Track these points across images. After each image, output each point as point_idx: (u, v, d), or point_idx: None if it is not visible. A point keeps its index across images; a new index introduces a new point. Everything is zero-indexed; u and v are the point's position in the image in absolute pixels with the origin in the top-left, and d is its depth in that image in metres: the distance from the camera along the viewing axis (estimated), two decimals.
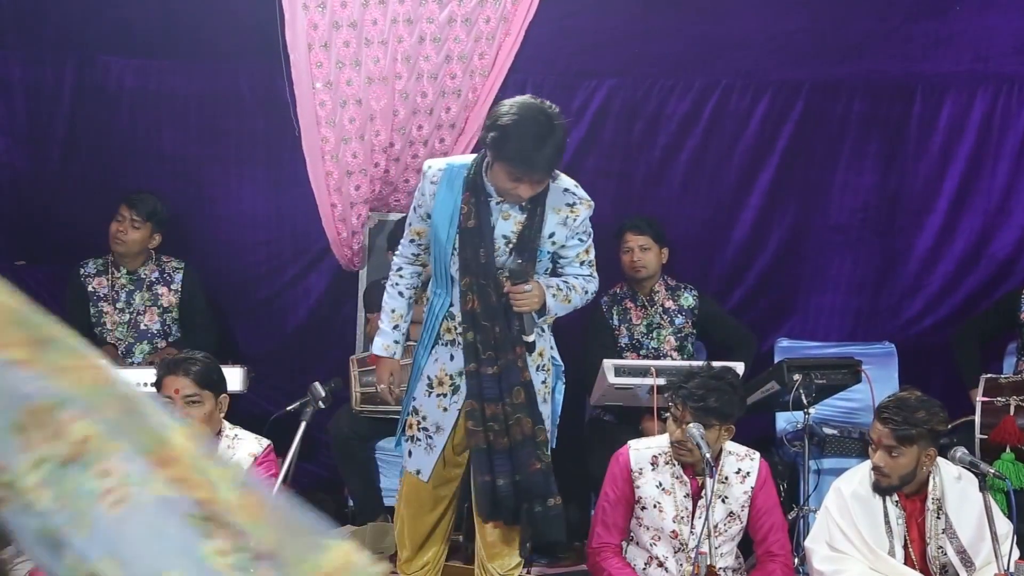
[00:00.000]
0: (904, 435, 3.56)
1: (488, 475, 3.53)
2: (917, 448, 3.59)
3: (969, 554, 3.62)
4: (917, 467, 3.62)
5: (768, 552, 3.75)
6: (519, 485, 3.52)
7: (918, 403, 3.62)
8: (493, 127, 3.38)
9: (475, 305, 3.51)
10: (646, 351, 4.99)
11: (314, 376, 3.79)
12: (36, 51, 5.26)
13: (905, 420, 3.56)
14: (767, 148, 5.36)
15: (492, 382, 3.50)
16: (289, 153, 5.21)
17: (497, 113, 3.43)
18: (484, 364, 3.50)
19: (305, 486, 5.30)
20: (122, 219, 4.93)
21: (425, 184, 3.59)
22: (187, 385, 3.58)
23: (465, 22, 5.07)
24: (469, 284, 3.51)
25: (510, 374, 3.50)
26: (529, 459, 3.51)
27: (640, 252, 4.97)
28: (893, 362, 5.14)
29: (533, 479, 3.52)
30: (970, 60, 5.23)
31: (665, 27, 5.26)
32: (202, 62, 5.31)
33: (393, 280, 3.75)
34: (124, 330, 4.99)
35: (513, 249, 3.53)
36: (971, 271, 5.35)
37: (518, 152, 3.34)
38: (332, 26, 4.98)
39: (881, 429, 3.60)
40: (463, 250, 3.51)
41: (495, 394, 3.50)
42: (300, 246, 5.47)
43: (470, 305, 3.51)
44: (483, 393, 3.51)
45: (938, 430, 3.63)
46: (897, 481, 3.63)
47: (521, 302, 3.49)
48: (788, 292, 5.49)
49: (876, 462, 3.63)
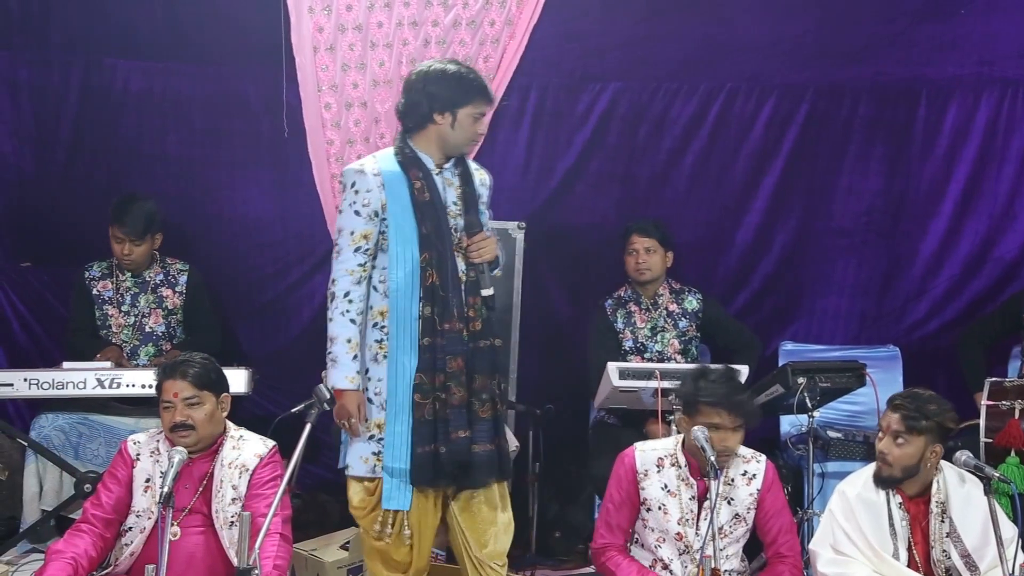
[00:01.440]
0: (913, 423, 3.60)
1: (431, 445, 3.58)
2: (924, 440, 3.61)
3: (973, 558, 3.62)
4: (921, 462, 3.64)
5: (778, 554, 3.76)
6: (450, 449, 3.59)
7: (931, 398, 3.68)
8: (437, 81, 3.60)
9: (435, 279, 3.59)
10: (650, 354, 4.98)
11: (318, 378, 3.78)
12: (43, 53, 5.27)
13: (916, 409, 3.62)
14: (772, 151, 5.37)
15: (440, 352, 3.58)
16: (294, 156, 5.22)
17: (425, 73, 3.63)
18: (437, 336, 3.58)
19: (309, 488, 5.32)
20: (120, 240, 4.92)
21: (366, 180, 3.60)
22: (185, 388, 3.60)
23: (470, 25, 5.08)
24: (428, 259, 3.60)
25: (456, 344, 3.60)
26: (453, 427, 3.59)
27: (645, 254, 4.97)
28: (898, 366, 5.14)
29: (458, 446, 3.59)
30: (975, 64, 5.24)
31: (670, 31, 5.27)
32: (208, 65, 5.32)
33: (342, 307, 3.59)
34: (129, 332, 5.00)
35: (461, 212, 3.70)
36: (976, 275, 5.36)
37: (477, 84, 3.63)
38: (337, 29, 4.99)
39: (891, 415, 3.66)
40: (422, 225, 3.60)
41: (443, 364, 3.59)
42: (305, 248, 5.48)
43: (430, 280, 3.59)
44: (435, 363, 3.58)
45: (947, 427, 3.65)
46: (899, 472, 3.65)
47: (483, 250, 3.66)
48: (793, 295, 5.49)
49: (881, 448, 3.67)
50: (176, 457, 3.38)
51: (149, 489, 3.62)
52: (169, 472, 3.30)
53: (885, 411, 3.72)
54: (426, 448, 3.58)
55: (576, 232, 5.48)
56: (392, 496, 3.63)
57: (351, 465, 3.69)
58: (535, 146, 5.35)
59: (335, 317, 3.59)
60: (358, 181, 3.60)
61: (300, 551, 4.31)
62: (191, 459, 3.58)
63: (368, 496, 3.69)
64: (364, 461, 3.66)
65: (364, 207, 3.59)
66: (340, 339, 3.57)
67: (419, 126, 3.66)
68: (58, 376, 4.53)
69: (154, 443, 3.69)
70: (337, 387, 3.56)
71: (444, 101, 3.60)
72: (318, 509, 5.07)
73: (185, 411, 3.59)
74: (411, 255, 3.60)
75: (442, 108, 3.61)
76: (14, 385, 4.52)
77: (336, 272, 3.61)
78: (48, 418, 4.67)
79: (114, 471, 3.68)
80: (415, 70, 3.71)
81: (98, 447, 4.65)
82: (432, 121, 3.63)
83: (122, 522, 3.64)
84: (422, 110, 3.62)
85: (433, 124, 3.64)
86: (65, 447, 4.63)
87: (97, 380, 4.53)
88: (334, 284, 3.60)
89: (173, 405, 3.60)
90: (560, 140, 5.40)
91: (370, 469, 3.66)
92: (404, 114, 3.68)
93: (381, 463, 3.63)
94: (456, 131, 3.65)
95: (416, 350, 3.60)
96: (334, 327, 3.59)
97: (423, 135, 3.67)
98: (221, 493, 3.61)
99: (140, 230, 4.89)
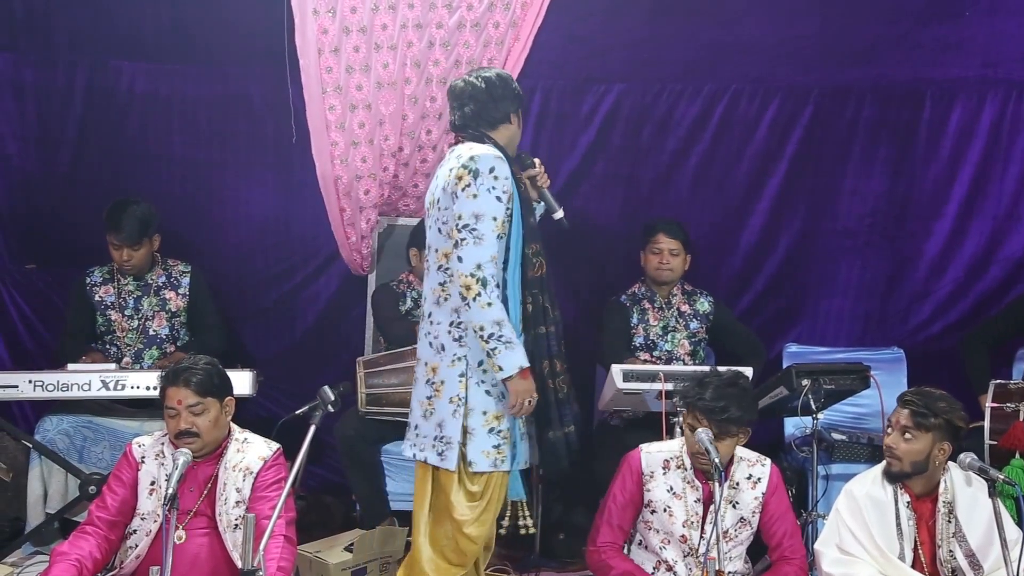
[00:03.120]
0: (922, 419, 3.62)
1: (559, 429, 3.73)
2: (932, 437, 3.62)
3: (978, 558, 3.62)
4: (929, 459, 3.64)
5: (783, 556, 3.76)
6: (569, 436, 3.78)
7: (941, 396, 3.70)
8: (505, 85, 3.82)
9: (542, 270, 3.74)
10: (659, 352, 5.00)
11: (323, 380, 3.79)
12: (48, 55, 5.28)
13: (926, 405, 3.64)
14: (776, 153, 5.36)
15: (554, 340, 3.76)
16: (298, 157, 5.23)
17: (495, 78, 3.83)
18: (549, 324, 3.74)
19: (313, 489, 5.32)
20: (117, 247, 4.91)
21: (504, 167, 3.64)
22: (189, 395, 3.60)
23: (475, 27, 5.08)
24: (536, 250, 3.73)
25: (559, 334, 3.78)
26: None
27: (670, 255, 5.00)
28: (902, 367, 5.14)
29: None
30: (979, 65, 5.23)
31: (674, 32, 5.27)
32: (212, 67, 5.32)
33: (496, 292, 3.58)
34: (133, 336, 5.00)
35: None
36: (980, 276, 5.35)
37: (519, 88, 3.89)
38: (342, 31, 4.99)
39: (900, 411, 3.68)
40: (527, 218, 3.73)
41: (557, 350, 3.76)
42: (309, 250, 5.49)
43: (539, 271, 3.73)
44: (550, 350, 3.73)
45: (956, 425, 3.65)
46: (908, 467, 3.65)
47: (545, 174, 3.92)
48: (797, 297, 5.49)
49: (889, 443, 3.69)
50: (180, 459, 3.39)
51: (154, 492, 3.63)
52: (173, 475, 3.31)
53: (895, 407, 3.73)
54: (557, 432, 3.72)
55: (580, 233, 5.47)
56: (515, 487, 3.78)
57: (475, 462, 3.66)
58: (539, 148, 5.33)
59: (494, 302, 3.55)
60: (498, 167, 3.61)
61: (304, 553, 4.32)
62: (195, 462, 3.59)
63: (473, 501, 3.69)
64: (486, 456, 3.66)
65: (504, 193, 3.61)
66: (506, 322, 3.57)
67: (491, 127, 3.77)
68: (63, 378, 4.53)
69: (159, 446, 3.70)
70: (524, 365, 3.58)
71: (514, 105, 3.83)
72: (322, 511, 5.07)
73: (190, 418, 3.59)
74: (519, 246, 3.69)
75: (515, 109, 3.83)
76: (19, 387, 4.52)
77: (481, 257, 3.56)
78: (53, 420, 4.67)
79: (119, 473, 3.68)
80: (479, 77, 3.80)
81: (102, 450, 4.66)
82: (507, 122, 3.80)
83: (127, 524, 3.65)
84: (500, 112, 3.78)
85: (507, 125, 3.80)
86: (70, 450, 4.63)
87: (102, 382, 4.53)
88: (481, 270, 3.55)
89: (177, 412, 3.60)
90: (564, 142, 5.40)
91: (492, 463, 3.67)
92: (484, 115, 3.76)
93: (503, 456, 3.67)
94: (520, 130, 3.90)
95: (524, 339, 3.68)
96: (496, 311, 3.55)
97: (497, 135, 3.78)
98: (225, 496, 3.61)
99: (136, 235, 4.89)
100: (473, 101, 3.76)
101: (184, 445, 3.56)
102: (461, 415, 3.64)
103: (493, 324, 3.55)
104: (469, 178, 3.59)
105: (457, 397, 3.65)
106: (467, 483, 3.68)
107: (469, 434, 3.65)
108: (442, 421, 3.67)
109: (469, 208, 3.58)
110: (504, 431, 3.67)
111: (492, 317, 3.55)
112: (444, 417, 3.67)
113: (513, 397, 3.61)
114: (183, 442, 3.58)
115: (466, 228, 3.57)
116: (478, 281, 3.55)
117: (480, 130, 3.75)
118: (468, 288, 3.55)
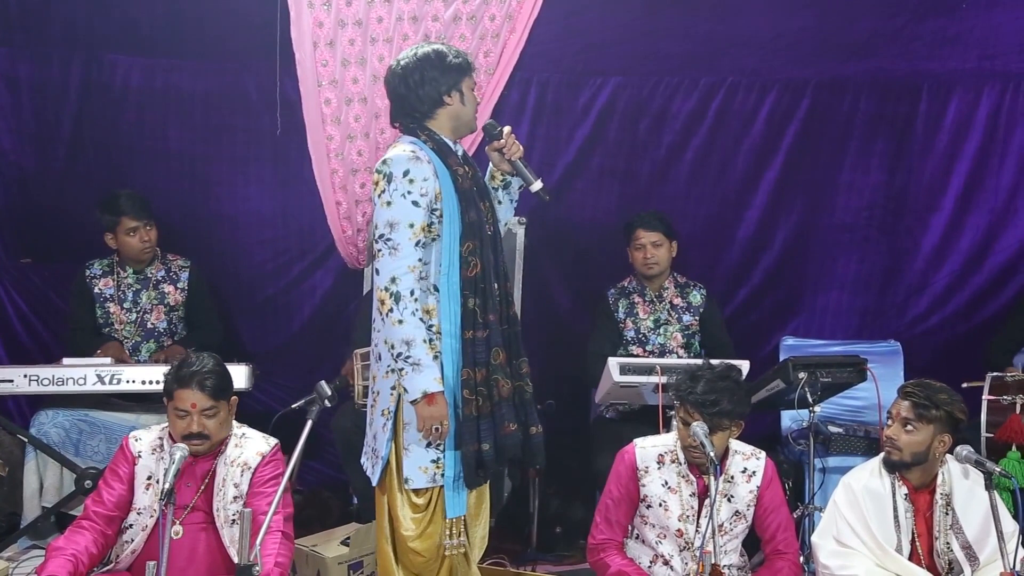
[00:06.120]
0: (923, 411, 3.63)
1: (475, 444, 3.46)
2: (932, 429, 3.63)
3: (974, 550, 3.63)
4: (929, 450, 3.65)
5: (776, 550, 3.76)
6: (497, 447, 3.49)
7: (941, 388, 3.71)
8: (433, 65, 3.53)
9: (478, 269, 3.49)
10: (652, 346, 4.99)
11: (320, 374, 3.78)
12: (43, 49, 5.27)
13: (927, 397, 3.65)
14: (773, 146, 5.36)
15: (482, 346, 3.47)
16: (295, 152, 5.22)
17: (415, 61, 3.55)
18: (479, 329, 3.47)
19: (310, 484, 5.32)
20: (135, 230, 4.93)
21: (422, 168, 3.43)
22: (203, 399, 3.57)
23: (470, 20, 5.07)
24: (471, 249, 3.49)
25: (497, 336, 3.51)
26: (504, 421, 3.48)
27: (653, 248, 4.97)
28: (899, 360, 5.13)
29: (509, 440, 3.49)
30: (976, 58, 5.22)
31: (670, 25, 5.26)
32: (208, 61, 5.31)
33: (411, 307, 3.37)
34: (132, 329, 5.00)
35: (484, 195, 3.65)
36: (977, 269, 5.35)
37: (461, 57, 3.60)
38: (337, 24, 4.98)
39: (901, 403, 3.70)
40: (465, 213, 3.49)
41: (484, 358, 3.48)
42: (305, 244, 5.48)
43: (473, 271, 3.48)
44: (475, 358, 3.47)
45: (956, 416, 3.67)
46: (908, 458, 3.66)
47: (516, 144, 3.65)
48: (794, 290, 5.49)
49: (889, 435, 3.70)
50: (177, 454, 3.38)
51: (151, 486, 3.61)
52: (170, 470, 3.30)
53: (896, 399, 3.74)
54: (470, 447, 3.45)
55: (577, 227, 5.47)
56: (454, 503, 3.51)
57: (411, 479, 3.49)
58: (535, 141, 5.34)
59: (406, 319, 3.35)
60: (413, 169, 3.41)
61: (301, 547, 4.31)
62: (193, 457, 3.58)
63: (418, 513, 3.52)
64: (424, 471, 3.49)
65: (422, 196, 3.41)
66: (418, 341, 3.35)
67: (427, 114, 3.55)
68: (58, 372, 4.53)
69: (156, 440, 3.68)
70: (428, 391, 3.36)
71: (448, 81, 3.54)
72: (319, 505, 5.07)
73: (202, 422, 3.57)
74: (455, 246, 3.48)
75: (449, 88, 3.55)
76: (14, 381, 4.51)
77: (395, 269, 3.37)
78: (48, 415, 4.67)
79: (115, 468, 3.66)
80: (399, 64, 3.57)
81: (98, 444, 4.65)
82: (443, 104, 3.55)
83: (123, 519, 3.63)
84: (431, 96, 3.53)
85: (444, 107, 3.55)
86: (65, 444, 4.63)
87: (97, 376, 4.53)
88: (395, 283, 3.36)
89: (188, 415, 3.57)
90: (561, 135, 5.39)
91: (430, 479, 3.49)
92: (406, 107, 3.57)
93: (441, 470, 3.49)
94: (466, 106, 3.60)
95: (460, 345, 3.47)
96: (407, 329, 3.35)
97: (434, 122, 3.57)
98: (223, 491, 3.61)
99: (146, 209, 4.95)
100: (393, 94, 3.59)
101: (192, 447, 3.54)
102: (390, 429, 3.50)
103: (401, 343, 3.36)
104: (384, 183, 3.42)
105: (387, 411, 3.51)
106: (411, 496, 3.52)
107: (405, 450, 3.49)
108: (376, 433, 3.57)
109: (384, 216, 3.41)
110: (443, 445, 3.48)
111: (401, 336, 3.36)
112: (376, 430, 3.57)
113: (419, 423, 3.41)
114: (191, 444, 3.55)
115: (381, 238, 3.41)
116: (391, 296, 3.37)
117: (409, 123, 3.57)
118: (383, 303, 3.38)
